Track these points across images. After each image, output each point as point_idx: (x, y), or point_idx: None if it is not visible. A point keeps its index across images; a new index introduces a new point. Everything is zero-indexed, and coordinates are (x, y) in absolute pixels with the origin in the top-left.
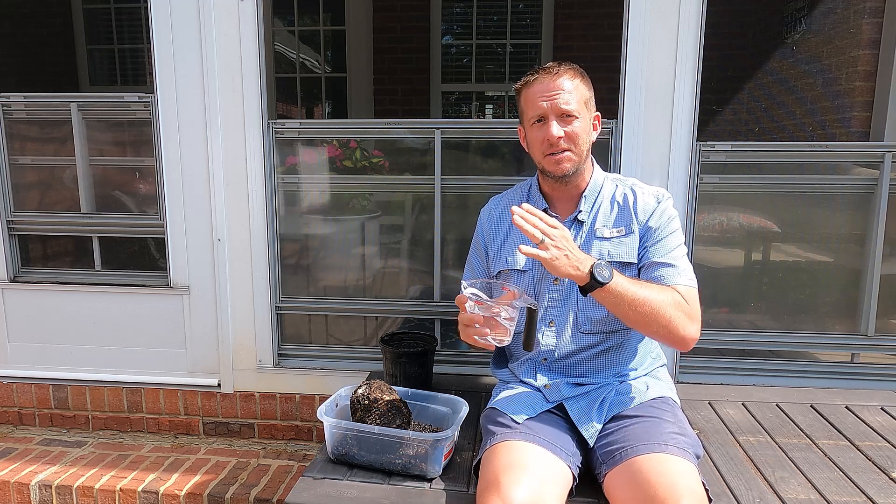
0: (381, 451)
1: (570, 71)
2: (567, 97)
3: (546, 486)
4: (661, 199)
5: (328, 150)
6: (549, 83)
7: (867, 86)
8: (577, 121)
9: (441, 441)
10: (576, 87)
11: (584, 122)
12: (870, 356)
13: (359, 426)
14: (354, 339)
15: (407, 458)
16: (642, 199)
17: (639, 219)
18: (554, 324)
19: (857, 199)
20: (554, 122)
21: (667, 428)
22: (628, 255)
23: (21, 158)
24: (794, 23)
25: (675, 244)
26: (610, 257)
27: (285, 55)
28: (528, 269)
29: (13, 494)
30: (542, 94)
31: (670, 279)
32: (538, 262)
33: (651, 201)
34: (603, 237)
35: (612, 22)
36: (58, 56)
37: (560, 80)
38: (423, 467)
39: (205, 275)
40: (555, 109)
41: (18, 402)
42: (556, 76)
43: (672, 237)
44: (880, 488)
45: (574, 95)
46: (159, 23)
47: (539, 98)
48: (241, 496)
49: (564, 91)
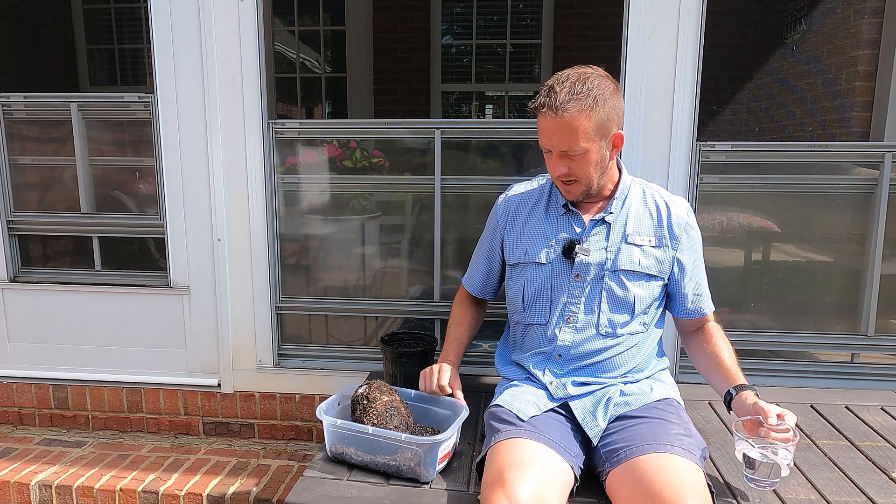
0: (376, 452)
1: (575, 109)
2: (566, 139)
3: (550, 485)
4: (689, 214)
5: (328, 150)
6: (553, 122)
7: (867, 86)
8: (581, 156)
9: (436, 445)
10: (579, 128)
11: (593, 154)
12: (870, 356)
13: (353, 426)
14: (354, 339)
15: (402, 460)
16: (676, 213)
17: (674, 233)
18: (572, 320)
19: (857, 199)
20: (556, 159)
21: (672, 429)
22: (656, 269)
23: (21, 158)
24: (794, 23)
25: (701, 269)
26: (641, 267)
27: (285, 55)
28: (548, 263)
29: (13, 494)
30: (545, 132)
31: (706, 308)
32: (559, 256)
33: (683, 215)
34: (634, 243)
35: (612, 22)
36: (58, 56)
37: (561, 121)
38: (418, 471)
39: (205, 275)
40: (555, 148)
41: (18, 402)
42: (560, 117)
43: (700, 262)
44: (880, 488)
45: (576, 136)
46: (159, 23)
47: (543, 133)
48: (241, 496)
49: (563, 133)
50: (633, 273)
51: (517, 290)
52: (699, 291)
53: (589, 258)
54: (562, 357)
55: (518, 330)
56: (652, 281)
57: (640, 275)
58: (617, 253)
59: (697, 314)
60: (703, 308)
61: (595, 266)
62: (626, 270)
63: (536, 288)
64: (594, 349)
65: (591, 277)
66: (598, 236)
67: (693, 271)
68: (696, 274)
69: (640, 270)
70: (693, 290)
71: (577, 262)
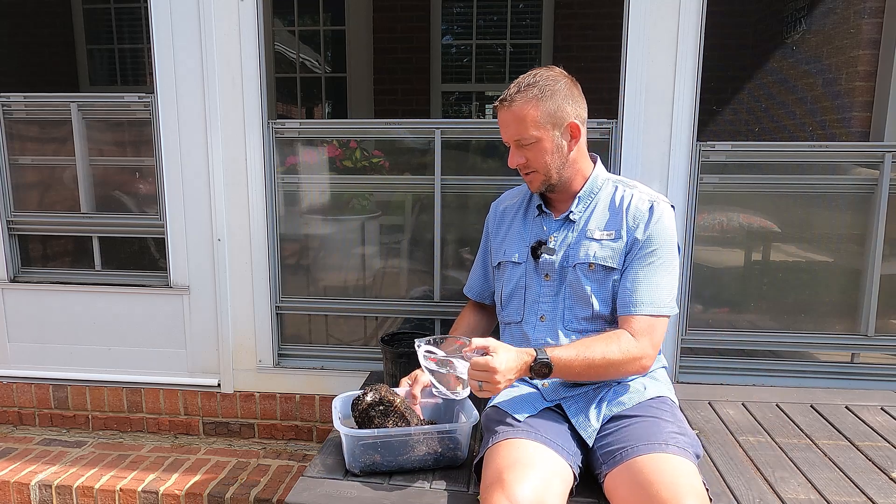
0: (406, 452)
1: (521, 99)
2: (516, 129)
3: (549, 485)
4: (655, 208)
5: (328, 150)
6: (503, 115)
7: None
8: (533, 144)
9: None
10: (525, 117)
11: (546, 143)
12: (870, 356)
13: (398, 431)
14: (354, 339)
15: (444, 450)
16: (635, 205)
17: (629, 224)
18: (545, 318)
19: (857, 199)
20: (513, 150)
21: (666, 427)
22: (613, 261)
23: (21, 158)
24: (794, 23)
25: (658, 262)
26: (596, 259)
27: (285, 55)
28: (522, 262)
29: (13, 494)
30: (502, 126)
31: (633, 308)
32: (531, 255)
33: (643, 207)
34: (592, 238)
35: (612, 22)
36: (58, 56)
37: (505, 114)
38: (458, 454)
39: (205, 275)
40: (510, 140)
41: (18, 402)
42: (507, 108)
43: (655, 255)
44: (880, 488)
45: (524, 125)
46: (159, 23)
47: (501, 127)
48: (241, 496)
49: (511, 124)
50: (587, 266)
51: (497, 290)
52: (640, 285)
53: (553, 256)
54: None
55: (503, 332)
56: (612, 274)
57: (597, 267)
58: (577, 248)
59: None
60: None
61: (559, 263)
62: (582, 263)
63: (512, 287)
64: None
65: (556, 275)
66: (562, 234)
67: (643, 256)
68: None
69: (595, 263)
70: (632, 281)
71: (542, 260)
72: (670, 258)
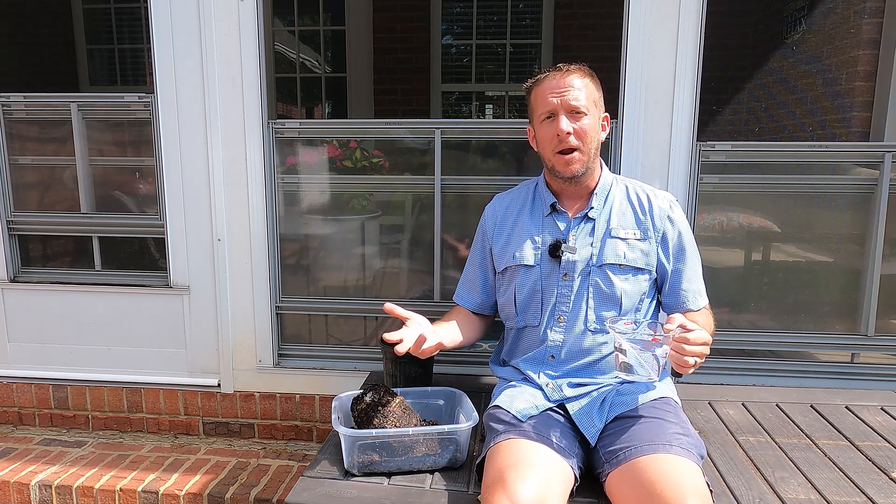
0: (405, 452)
1: (580, 70)
2: (577, 94)
3: (551, 485)
4: (673, 206)
5: (328, 150)
6: (559, 80)
7: (867, 86)
8: (586, 118)
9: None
10: (585, 86)
11: (594, 120)
12: (870, 356)
13: (394, 432)
14: (354, 339)
15: (436, 452)
16: (658, 205)
17: (655, 225)
18: (563, 319)
19: (857, 199)
20: (564, 117)
21: (670, 428)
22: (643, 262)
23: (21, 158)
24: (794, 23)
25: (694, 262)
26: (626, 261)
27: (285, 55)
28: (536, 265)
29: (13, 494)
30: (553, 91)
31: (691, 303)
32: (546, 257)
33: (665, 206)
34: (619, 237)
35: (612, 22)
36: (58, 56)
37: (570, 78)
38: (457, 456)
39: (205, 275)
40: (565, 105)
41: (18, 402)
42: (566, 74)
43: (692, 254)
44: (880, 488)
45: (584, 93)
46: (159, 23)
47: (549, 94)
48: (241, 496)
49: (574, 88)
50: (618, 267)
51: (508, 297)
52: (687, 285)
53: (575, 256)
54: (555, 358)
55: (511, 335)
56: (639, 275)
57: (627, 268)
58: (602, 247)
59: (681, 307)
60: (687, 302)
61: (582, 263)
62: (612, 264)
63: (528, 291)
64: (585, 347)
65: (578, 275)
66: (582, 233)
67: (679, 262)
68: (683, 265)
69: (626, 264)
70: (680, 281)
71: (563, 260)
72: (695, 248)
